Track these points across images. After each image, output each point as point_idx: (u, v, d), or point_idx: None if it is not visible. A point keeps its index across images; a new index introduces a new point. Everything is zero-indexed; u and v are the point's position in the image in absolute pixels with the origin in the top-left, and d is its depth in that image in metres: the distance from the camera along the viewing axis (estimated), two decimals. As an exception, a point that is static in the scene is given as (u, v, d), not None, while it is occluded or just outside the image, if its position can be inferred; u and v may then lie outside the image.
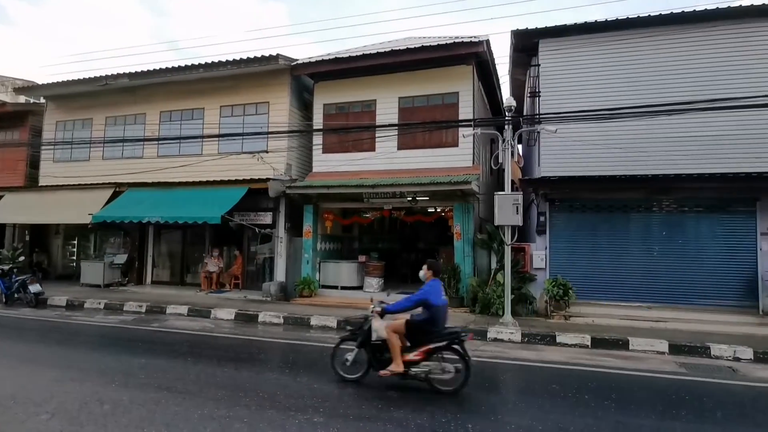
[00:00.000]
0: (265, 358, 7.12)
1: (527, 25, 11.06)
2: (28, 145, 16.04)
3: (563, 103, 10.20)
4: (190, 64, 13.10)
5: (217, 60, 12.80)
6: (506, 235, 9.22)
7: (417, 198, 11.47)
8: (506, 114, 9.43)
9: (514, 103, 9.42)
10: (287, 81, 12.97)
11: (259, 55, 12.43)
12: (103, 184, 14.19)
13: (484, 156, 13.60)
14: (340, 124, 12.60)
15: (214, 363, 6.41)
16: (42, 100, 16.42)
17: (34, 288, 11.13)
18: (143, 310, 10.69)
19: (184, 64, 13.24)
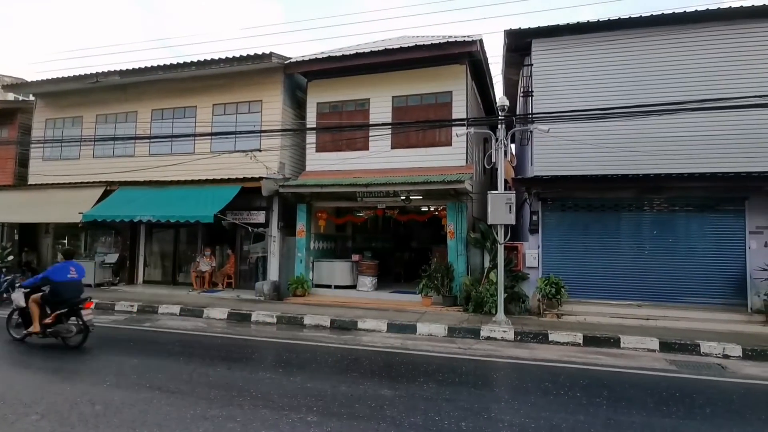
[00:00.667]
0: (258, 357, 7.09)
1: (520, 24, 11.12)
2: (17, 143, 15.84)
3: (556, 103, 10.27)
4: (182, 61, 13.01)
5: (210, 58, 12.72)
6: (499, 234, 9.27)
7: (410, 197, 11.48)
8: (499, 113, 9.47)
9: (507, 103, 9.45)
10: (280, 79, 12.91)
11: (252, 53, 12.36)
12: (94, 182, 14.03)
13: (477, 155, 13.64)
14: (334, 123, 12.56)
15: (207, 362, 6.38)
16: (31, 98, 16.16)
17: (23, 288, 10.96)
18: (135, 309, 10.61)
19: (177, 61, 13.13)
